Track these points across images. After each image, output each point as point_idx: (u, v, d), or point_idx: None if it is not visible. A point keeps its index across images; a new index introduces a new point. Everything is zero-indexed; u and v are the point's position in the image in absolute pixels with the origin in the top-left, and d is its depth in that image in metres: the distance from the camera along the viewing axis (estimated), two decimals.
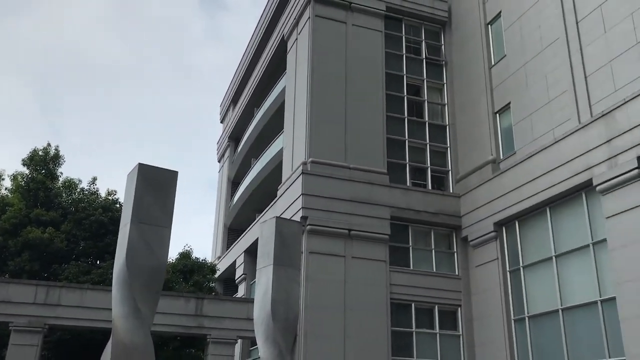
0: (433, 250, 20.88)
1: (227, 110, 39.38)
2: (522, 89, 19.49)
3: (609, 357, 14.72)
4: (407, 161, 21.92)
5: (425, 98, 23.21)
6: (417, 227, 20.96)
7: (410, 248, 20.64)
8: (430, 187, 21.80)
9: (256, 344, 11.85)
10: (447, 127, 22.98)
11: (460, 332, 19.99)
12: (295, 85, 22.71)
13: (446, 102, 23.36)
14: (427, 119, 22.89)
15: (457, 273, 20.71)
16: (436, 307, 20.03)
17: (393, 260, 20.00)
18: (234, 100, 37.54)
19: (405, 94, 22.88)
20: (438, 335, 19.76)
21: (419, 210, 20.71)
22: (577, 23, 17.45)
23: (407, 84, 23.09)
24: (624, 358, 14.03)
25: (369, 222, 19.71)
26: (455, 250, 21.09)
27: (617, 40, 15.93)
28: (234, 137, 36.90)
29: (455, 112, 22.99)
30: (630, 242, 14.14)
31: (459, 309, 20.23)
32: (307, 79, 21.20)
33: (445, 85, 23.59)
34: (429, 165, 22.22)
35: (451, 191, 21.86)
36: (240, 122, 35.08)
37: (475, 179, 20.77)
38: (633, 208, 14.18)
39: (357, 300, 18.69)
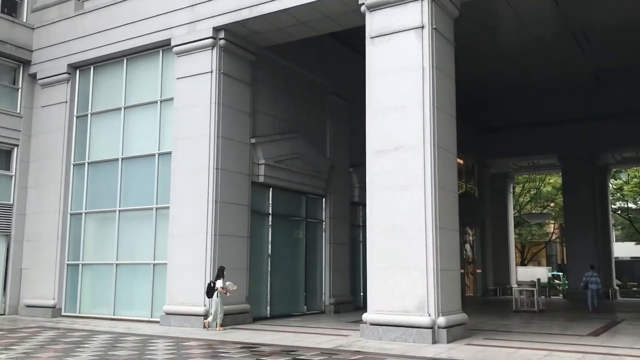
0: None
1: None
2: None
3: (157, 204, 16.28)
4: None
5: None
6: None
7: None
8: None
9: None
10: None
11: (14, 173, 18.80)
12: None
13: None
14: None
15: (18, 111, 19.05)
16: None
17: None
18: None
19: None
20: None
21: None
22: None
23: None
24: (168, 205, 15.73)
25: None
26: (20, 86, 19.22)
27: None
28: None
29: None
30: (190, 105, 15.47)
31: (16, 148, 18.87)
32: None
33: None
34: None
35: (25, 20, 19.48)
36: None
37: (55, 13, 18.97)
38: (199, 74, 15.39)
39: None
